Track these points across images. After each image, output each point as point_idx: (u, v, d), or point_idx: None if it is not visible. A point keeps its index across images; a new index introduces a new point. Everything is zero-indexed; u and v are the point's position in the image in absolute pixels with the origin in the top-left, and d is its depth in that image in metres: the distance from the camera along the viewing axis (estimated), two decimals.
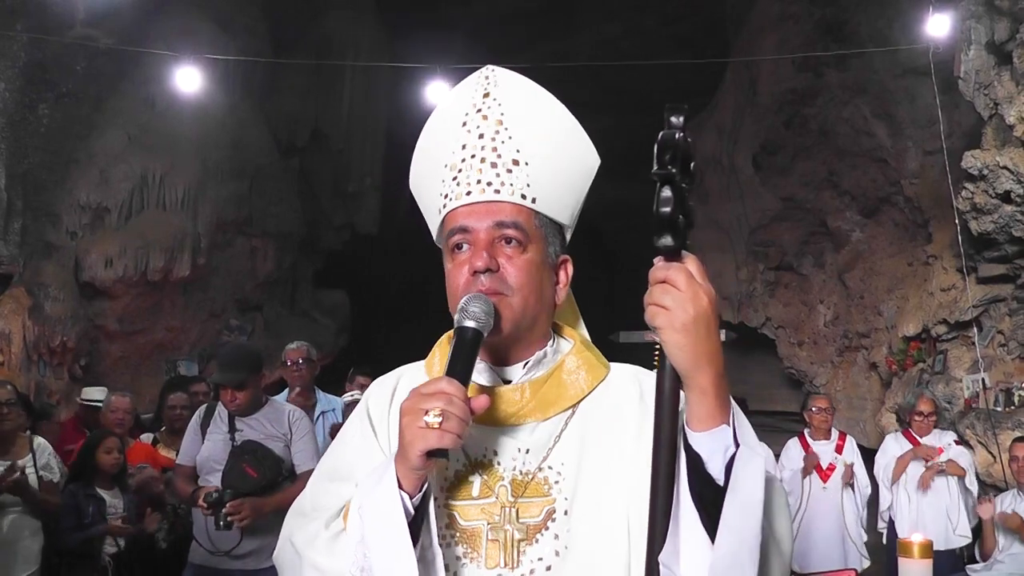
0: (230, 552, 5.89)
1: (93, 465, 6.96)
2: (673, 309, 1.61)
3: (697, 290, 1.64)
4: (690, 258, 1.67)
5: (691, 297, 1.62)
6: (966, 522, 8.69)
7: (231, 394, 5.97)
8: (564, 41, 19.00)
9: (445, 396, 1.69)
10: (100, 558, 6.80)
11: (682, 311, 1.61)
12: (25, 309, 12.15)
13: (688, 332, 1.61)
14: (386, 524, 1.73)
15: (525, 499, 1.87)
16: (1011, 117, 9.48)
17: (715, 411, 1.63)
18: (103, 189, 13.68)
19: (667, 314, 1.61)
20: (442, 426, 1.67)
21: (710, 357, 1.63)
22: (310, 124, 17.52)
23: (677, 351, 1.61)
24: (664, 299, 1.62)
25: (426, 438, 1.68)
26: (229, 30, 15.23)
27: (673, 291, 1.62)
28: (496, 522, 1.86)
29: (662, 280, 1.63)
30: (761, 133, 16.13)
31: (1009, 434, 9.30)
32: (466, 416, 1.71)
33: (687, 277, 1.63)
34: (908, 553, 4.10)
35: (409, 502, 1.73)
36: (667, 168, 1.61)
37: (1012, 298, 11.10)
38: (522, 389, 1.91)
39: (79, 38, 12.55)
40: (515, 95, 2.00)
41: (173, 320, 14.98)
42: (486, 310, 1.82)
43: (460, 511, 1.89)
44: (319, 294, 18.15)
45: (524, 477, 1.89)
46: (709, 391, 1.63)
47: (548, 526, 1.85)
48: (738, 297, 16.75)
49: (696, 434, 1.64)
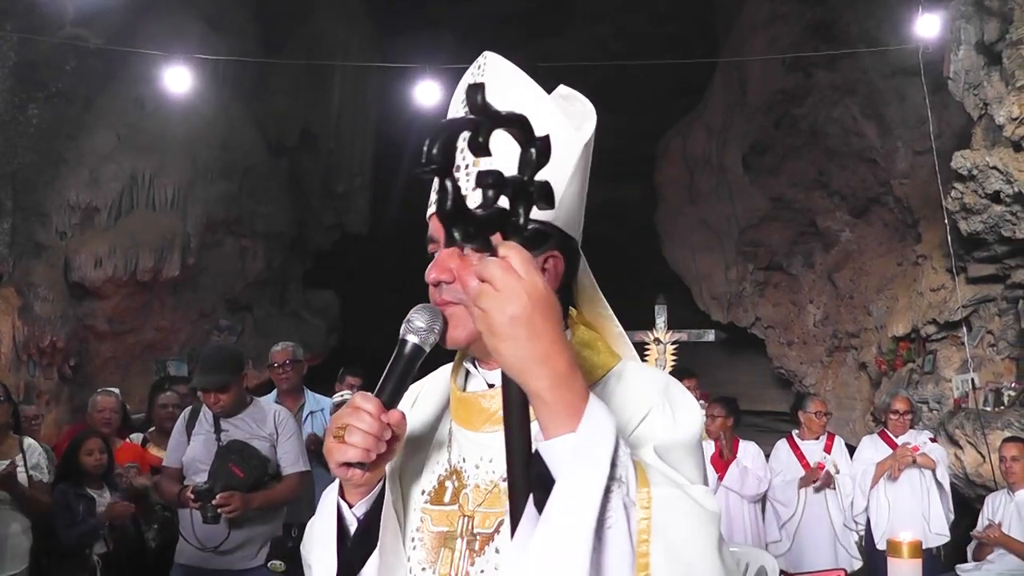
0: (218, 548, 5.91)
1: (78, 466, 6.97)
2: (490, 311, 1.44)
3: (515, 286, 1.44)
4: (510, 248, 1.47)
5: (509, 296, 1.43)
6: (943, 521, 8.71)
7: (214, 397, 5.99)
8: (554, 41, 18.99)
9: (356, 412, 1.72)
10: (89, 558, 6.80)
11: (499, 312, 1.44)
12: (14, 309, 12.12)
13: (507, 336, 1.44)
14: (321, 526, 1.89)
15: (483, 509, 1.84)
16: (1001, 117, 9.49)
17: (559, 418, 1.46)
18: (93, 189, 13.64)
19: (485, 317, 1.45)
20: (345, 440, 1.71)
21: (539, 359, 1.45)
22: (300, 124, 17.48)
23: (499, 358, 1.47)
24: (481, 301, 1.46)
25: (333, 451, 1.74)
26: (219, 30, 15.20)
27: (489, 291, 1.45)
28: (453, 530, 1.85)
29: (482, 279, 1.46)
30: (751, 133, 16.14)
31: (998, 434, 9.32)
32: (373, 429, 1.70)
33: (504, 272, 1.44)
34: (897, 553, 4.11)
35: (347, 509, 1.84)
36: (432, 163, 1.43)
37: (1001, 298, 11.12)
38: (496, 395, 1.83)
39: (69, 38, 12.52)
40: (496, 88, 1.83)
41: (163, 320, 14.95)
42: (429, 323, 1.79)
43: (432, 516, 1.89)
44: (309, 294, 18.11)
45: (486, 486, 1.85)
46: (544, 396, 1.46)
47: (494, 538, 1.80)
48: (727, 297, 16.78)
49: (543, 443, 1.49)
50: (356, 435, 1.70)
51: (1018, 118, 9.32)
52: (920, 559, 4.12)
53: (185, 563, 6.09)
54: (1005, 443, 8.43)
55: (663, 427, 1.74)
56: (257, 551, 6.03)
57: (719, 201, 16.80)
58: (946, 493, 8.77)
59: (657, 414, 1.77)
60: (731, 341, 15.60)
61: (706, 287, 17.13)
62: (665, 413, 1.77)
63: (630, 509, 1.46)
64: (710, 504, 1.58)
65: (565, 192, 1.87)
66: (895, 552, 4.13)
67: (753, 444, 9.19)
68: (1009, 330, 11.07)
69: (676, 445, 1.71)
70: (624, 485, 1.47)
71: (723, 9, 17.59)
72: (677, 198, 17.59)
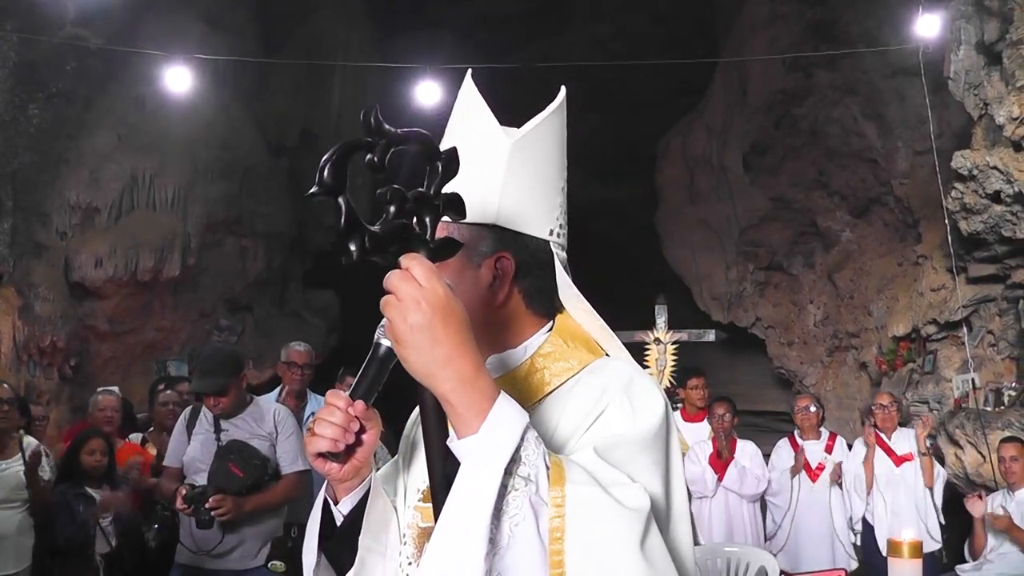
0: (212, 551, 5.91)
1: (79, 466, 6.98)
2: (394, 321, 1.53)
3: (416, 296, 1.51)
4: (412, 260, 1.55)
5: (409, 305, 1.51)
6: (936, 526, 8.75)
7: (214, 399, 6.00)
8: (553, 41, 18.99)
9: (326, 407, 1.78)
10: (92, 557, 6.82)
11: (401, 322, 1.52)
12: (15, 309, 12.12)
13: (409, 344, 1.52)
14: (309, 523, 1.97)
15: None
16: (1001, 117, 9.49)
17: (465, 420, 1.53)
18: (93, 189, 13.64)
19: (389, 327, 1.55)
20: (315, 432, 1.77)
21: (441, 363, 1.52)
22: (300, 124, 17.48)
23: (406, 365, 1.55)
24: (386, 310, 1.54)
25: (307, 444, 1.80)
26: (219, 30, 15.20)
27: (393, 301, 1.53)
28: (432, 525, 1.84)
29: (387, 290, 1.54)
30: (751, 133, 16.13)
31: (999, 434, 9.31)
32: (340, 421, 1.75)
33: (404, 283, 1.53)
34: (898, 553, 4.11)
35: (333, 505, 1.91)
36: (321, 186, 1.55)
37: (1002, 298, 11.11)
38: None
39: (69, 38, 12.52)
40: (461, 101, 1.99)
41: (163, 320, 14.95)
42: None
43: (423, 513, 1.92)
44: (309, 294, 18.11)
45: None
46: (450, 399, 1.53)
47: None
48: (728, 297, 16.77)
49: (453, 444, 1.57)
50: (324, 427, 1.75)
51: (1018, 118, 9.31)
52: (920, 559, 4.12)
53: (185, 563, 6.10)
54: (1003, 443, 8.44)
55: (620, 423, 1.77)
56: (257, 551, 6.04)
57: (719, 201, 16.79)
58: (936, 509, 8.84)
59: (614, 410, 1.79)
60: (731, 341, 15.60)
61: (706, 287, 17.12)
62: (623, 408, 1.79)
63: (539, 508, 1.52)
64: (634, 501, 1.59)
65: (504, 192, 1.92)
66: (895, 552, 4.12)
67: (751, 444, 9.20)
68: (1009, 330, 11.06)
69: (626, 441, 1.72)
70: (533, 483, 1.52)
71: (723, 9, 17.58)
72: (677, 198, 17.59)
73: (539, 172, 1.99)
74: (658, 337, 10.38)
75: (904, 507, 8.74)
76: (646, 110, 18.17)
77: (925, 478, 8.77)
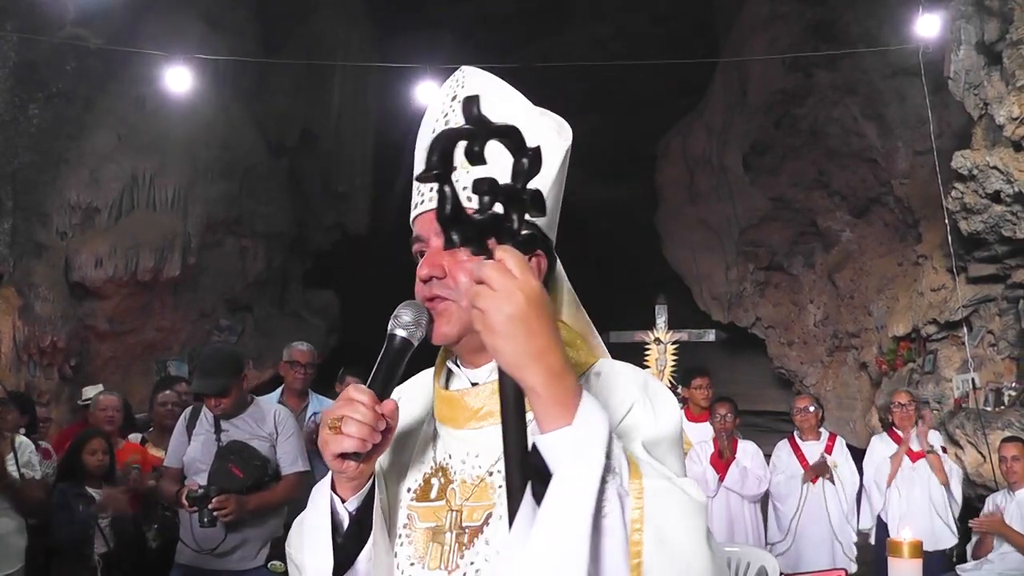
0: (215, 551, 5.91)
1: (80, 465, 6.96)
2: (488, 311, 1.51)
3: (512, 287, 1.51)
4: (506, 252, 1.54)
5: (505, 296, 1.50)
6: (953, 523, 8.72)
7: (215, 400, 5.99)
8: (553, 41, 18.99)
9: (351, 403, 1.76)
10: (90, 557, 6.80)
11: (496, 312, 1.51)
12: (15, 309, 12.12)
13: (504, 334, 1.51)
14: (313, 522, 1.89)
15: (471, 503, 1.89)
16: (1001, 117, 9.50)
17: (553, 412, 1.53)
18: (93, 189, 13.65)
19: (482, 317, 1.52)
20: (342, 431, 1.75)
21: (535, 356, 1.52)
22: (300, 124, 17.49)
23: (497, 355, 1.53)
24: (479, 301, 1.53)
25: (329, 443, 1.77)
26: (219, 30, 15.21)
27: (487, 291, 1.52)
28: (442, 525, 1.89)
29: (479, 280, 1.53)
30: (751, 133, 16.14)
31: (999, 434, 9.32)
32: (369, 419, 1.75)
33: (500, 274, 1.52)
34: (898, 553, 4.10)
35: (340, 503, 1.87)
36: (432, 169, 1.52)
37: (1002, 298, 11.12)
38: (480, 393, 1.92)
39: (69, 38, 12.52)
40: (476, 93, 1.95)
41: (163, 320, 14.95)
42: (415, 318, 1.85)
43: (419, 512, 1.93)
44: (309, 294, 18.12)
45: (473, 481, 1.90)
46: (539, 391, 1.52)
47: (483, 530, 1.85)
48: (728, 297, 16.78)
49: (540, 437, 1.55)
50: (352, 425, 1.74)
51: (1018, 118, 9.32)
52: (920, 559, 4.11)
53: (185, 563, 6.09)
54: (1004, 443, 8.44)
55: (645, 422, 1.81)
56: (257, 552, 6.03)
57: (719, 201, 16.80)
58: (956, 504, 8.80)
59: (639, 409, 1.83)
60: (731, 341, 15.61)
61: (706, 287, 17.13)
62: (646, 409, 1.83)
63: (624, 499, 1.53)
64: (698, 495, 1.65)
65: (548, 192, 1.92)
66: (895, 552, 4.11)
67: (752, 444, 9.19)
68: (1009, 330, 11.07)
69: (660, 440, 1.78)
70: (618, 476, 1.54)
71: (723, 9, 17.59)
72: (677, 198, 17.60)
73: (562, 179, 2.04)
74: (658, 337, 10.38)
75: (919, 504, 8.72)
76: (646, 110, 18.18)
77: (938, 476, 8.75)
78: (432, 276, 1.86)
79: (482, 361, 1.93)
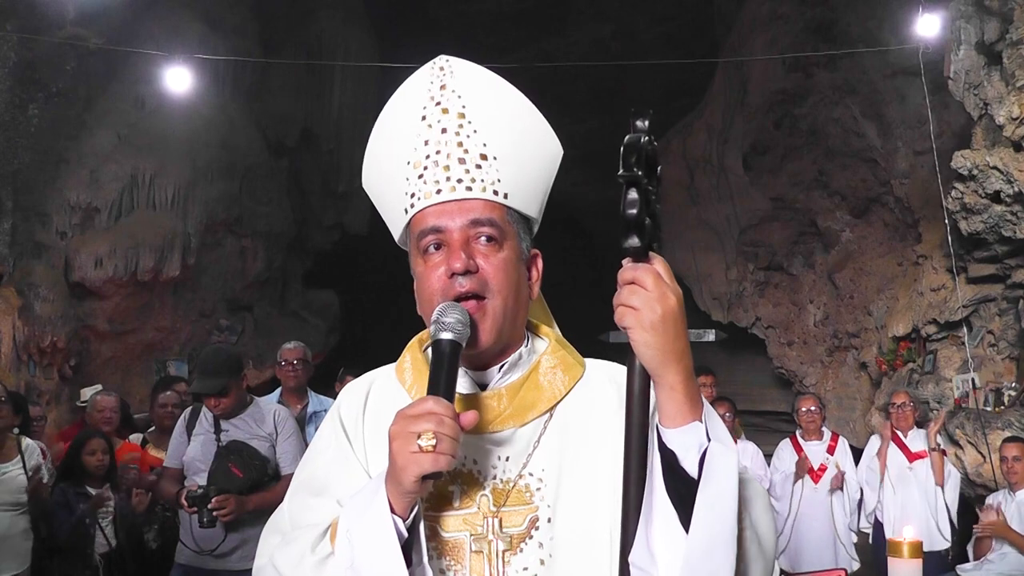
0: (214, 551, 5.90)
1: (80, 466, 6.97)
2: (641, 309, 1.61)
3: (665, 290, 1.62)
4: (657, 259, 1.66)
5: (659, 297, 1.61)
6: (947, 524, 8.72)
7: (214, 400, 5.99)
8: (554, 42, 19.01)
9: (435, 417, 1.65)
10: (91, 557, 6.81)
11: (650, 311, 1.61)
12: (15, 309, 12.11)
13: (656, 331, 1.61)
14: (379, 551, 1.68)
15: (508, 508, 1.85)
16: (1001, 117, 9.49)
17: (685, 408, 1.64)
18: (93, 189, 13.65)
19: (636, 314, 1.62)
20: (436, 449, 1.63)
21: (678, 355, 1.63)
22: (300, 124, 17.50)
23: (646, 349, 1.62)
24: (632, 299, 1.62)
25: (421, 463, 1.63)
26: (219, 30, 15.21)
27: (641, 291, 1.62)
28: (480, 533, 1.84)
29: (630, 281, 1.63)
30: (751, 133, 16.13)
31: (999, 434, 9.32)
32: (457, 435, 1.66)
33: (655, 277, 1.63)
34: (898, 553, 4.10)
35: (402, 525, 1.69)
36: (633, 170, 1.65)
37: (1002, 298, 11.11)
38: (499, 395, 1.89)
39: (69, 38, 12.52)
40: (473, 86, 1.96)
41: (163, 320, 14.95)
42: (462, 319, 1.80)
43: (441, 523, 1.86)
44: (309, 294, 18.12)
45: (505, 485, 1.86)
46: (678, 388, 1.63)
47: (532, 535, 1.83)
48: (728, 297, 16.76)
49: (669, 431, 1.64)
50: (447, 443, 1.64)
51: (1018, 118, 9.32)
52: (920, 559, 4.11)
53: (185, 563, 6.09)
54: (1006, 443, 8.43)
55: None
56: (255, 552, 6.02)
57: (719, 201, 16.79)
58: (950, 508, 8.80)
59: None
60: (731, 341, 15.61)
61: (706, 287, 17.11)
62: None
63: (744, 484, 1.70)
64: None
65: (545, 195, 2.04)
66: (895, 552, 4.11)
67: (751, 444, 9.19)
68: (1009, 330, 11.07)
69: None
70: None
71: (723, 9, 17.59)
72: (677, 198, 17.57)
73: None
74: None
75: (916, 504, 8.72)
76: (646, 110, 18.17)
77: (935, 476, 8.75)
78: (467, 270, 1.84)
79: (493, 363, 1.92)
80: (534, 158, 1.98)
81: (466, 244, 1.86)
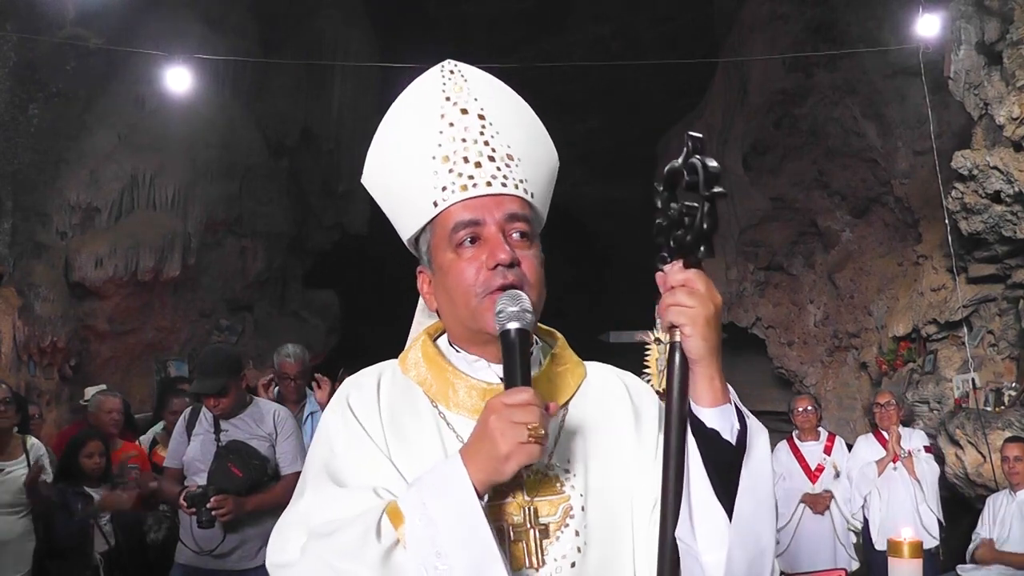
0: (214, 551, 5.91)
1: (77, 467, 6.98)
2: (697, 307, 1.78)
3: (713, 291, 1.82)
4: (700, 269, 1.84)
5: (708, 299, 1.80)
6: (934, 524, 8.73)
7: (214, 400, 5.99)
8: (554, 41, 19.00)
9: (536, 409, 1.73)
10: (91, 556, 6.82)
11: (704, 308, 1.78)
12: (15, 309, 12.10)
13: (709, 326, 1.78)
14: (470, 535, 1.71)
15: (541, 497, 1.91)
16: (1001, 117, 9.49)
17: (721, 394, 1.79)
18: (93, 189, 13.64)
19: (691, 312, 1.78)
20: (541, 440, 1.72)
21: (719, 350, 1.80)
22: (300, 124, 17.50)
23: (702, 342, 1.77)
24: (688, 299, 1.79)
25: (530, 452, 1.72)
26: (219, 30, 15.20)
27: (697, 292, 1.79)
28: (517, 523, 1.88)
29: (682, 283, 1.81)
30: (751, 133, 16.12)
31: (999, 434, 9.32)
32: (548, 426, 1.77)
33: (705, 280, 1.82)
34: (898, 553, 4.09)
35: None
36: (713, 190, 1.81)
37: (1002, 298, 11.11)
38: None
39: (69, 38, 12.51)
40: (486, 90, 2.03)
41: (163, 320, 14.95)
42: (524, 306, 1.86)
43: (496, 511, 1.88)
44: (309, 294, 18.13)
45: (536, 476, 1.92)
46: (716, 377, 1.79)
47: (568, 523, 1.90)
48: (728, 297, 16.73)
49: (707, 411, 1.78)
50: (547, 435, 1.77)
51: (1018, 118, 9.31)
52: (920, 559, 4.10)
53: (185, 563, 6.09)
54: (1008, 443, 8.43)
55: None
56: (256, 551, 6.02)
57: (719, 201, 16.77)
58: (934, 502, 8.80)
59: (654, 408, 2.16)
60: (731, 341, 15.56)
61: None
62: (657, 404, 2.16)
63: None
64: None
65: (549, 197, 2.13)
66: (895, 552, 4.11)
67: None
68: (1010, 330, 11.06)
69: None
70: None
71: (723, 9, 17.58)
72: None
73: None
74: (658, 337, 10.35)
75: (901, 503, 8.73)
76: (646, 110, 18.17)
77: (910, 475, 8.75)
78: (512, 263, 1.89)
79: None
80: (544, 163, 2.07)
81: (506, 238, 1.92)
